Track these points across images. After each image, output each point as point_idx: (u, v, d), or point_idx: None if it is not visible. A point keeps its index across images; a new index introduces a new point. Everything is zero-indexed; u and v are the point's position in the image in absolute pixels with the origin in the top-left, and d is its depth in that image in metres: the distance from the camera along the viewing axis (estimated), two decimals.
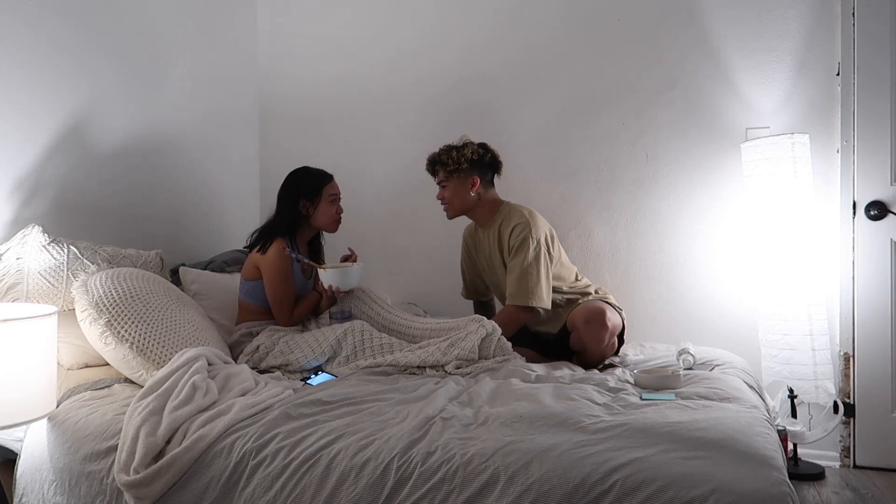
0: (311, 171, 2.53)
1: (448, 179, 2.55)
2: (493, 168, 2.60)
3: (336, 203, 2.50)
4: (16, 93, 2.21)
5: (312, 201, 2.46)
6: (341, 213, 2.53)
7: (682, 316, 2.89)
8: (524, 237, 2.43)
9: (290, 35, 3.46)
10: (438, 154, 2.57)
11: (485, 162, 2.56)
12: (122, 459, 1.55)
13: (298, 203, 2.46)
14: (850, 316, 2.68)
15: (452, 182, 2.54)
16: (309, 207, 2.46)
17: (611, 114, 2.99)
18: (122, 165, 2.64)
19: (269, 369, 2.16)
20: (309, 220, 2.48)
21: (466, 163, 2.51)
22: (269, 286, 2.37)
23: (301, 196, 2.46)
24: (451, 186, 2.55)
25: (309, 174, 2.52)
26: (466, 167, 2.52)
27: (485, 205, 2.57)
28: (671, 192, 2.92)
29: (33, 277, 2.05)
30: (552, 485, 1.30)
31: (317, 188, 2.47)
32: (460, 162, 2.51)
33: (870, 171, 2.66)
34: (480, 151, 2.55)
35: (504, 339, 2.22)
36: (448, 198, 2.56)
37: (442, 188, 2.57)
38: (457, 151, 2.53)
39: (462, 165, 2.51)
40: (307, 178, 2.50)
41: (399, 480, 1.38)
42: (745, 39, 2.80)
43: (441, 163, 2.54)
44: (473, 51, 3.17)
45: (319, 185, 2.47)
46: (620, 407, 1.70)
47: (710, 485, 1.24)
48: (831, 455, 2.70)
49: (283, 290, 2.36)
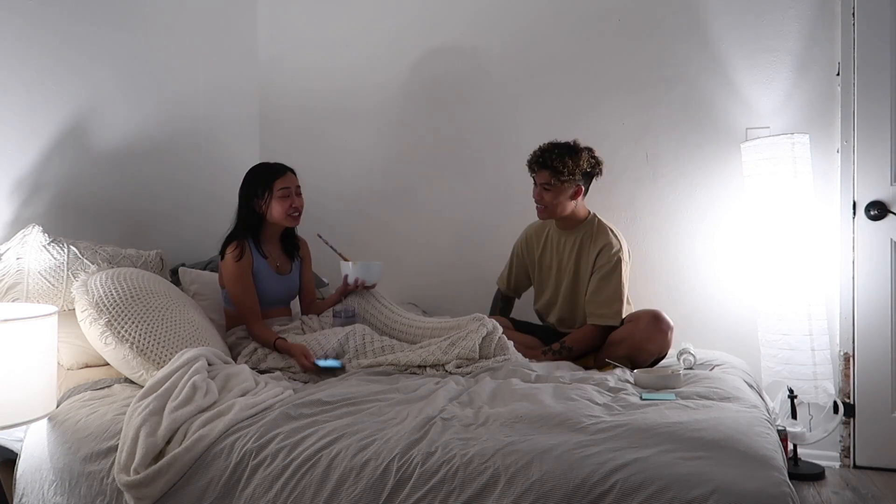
0: (262, 167, 2.44)
1: (554, 185, 2.45)
2: (597, 176, 2.55)
3: (289, 198, 2.38)
4: (16, 93, 2.21)
5: (263, 198, 2.37)
6: (298, 206, 2.41)
7: (681, 316, 2.88)
8: (618, 259, 2.44)
9: (290, 35, 3.45)
10: (551, 156, 2.44)
11: (593, 173, 2.51)
12: (122, 460, 1.55)
13: (252, 202, 2.38)
14: (850, 316, 2.68)
15: (558, 188, 2.45)
16: (261, 205, 2.37)
17: (611, 114, 2.99)
18: (122, 165, 2.64)
19: (270, 369, 2.16)
20: (264, 218, 2.39)
21: (580, 173, 2.44)
22: (230, 294, 2.33)
23: (253, 195, 2.38)
24: (554, 192, 2.46)
25: (260, 170, 2.43)
26: (578, 178, 2.45)
27: (577, 212, 2.54)
28: (671, 192, 2.92)
29: (33, 277, 2.06)
30: (552, 485, 1.30)
31: (266, 184, 2.37)
32: (574, 172, 2.42)
33: (870, 171, 2.66)
34: (593, 161, 2.49)
35: (504, 337, 2.22)
36: (548, 202, 2.48)
37: (544, 190, 2.47)
38: (572, 160, 2.42)
39: (576, 176, 2.43)
40: (258, 174, 2.41)
41: (399, 481, 1.38)
42: (745, 39, 2.80)
43: (552, 168, 2.43)
44: (473, 52, 3.17)
45: (269, 180, 2.37)
46: (620, 407, 1.70)
47: (711, 485, 1.24)
48: (831, 455, 2.70)
49: (239, 295, 2.29)
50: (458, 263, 3.17)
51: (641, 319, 2.37)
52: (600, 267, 2.46)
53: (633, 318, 2.41)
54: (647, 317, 2.37)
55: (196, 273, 2.59)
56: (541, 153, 2.49)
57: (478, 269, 3.03)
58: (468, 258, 3.17)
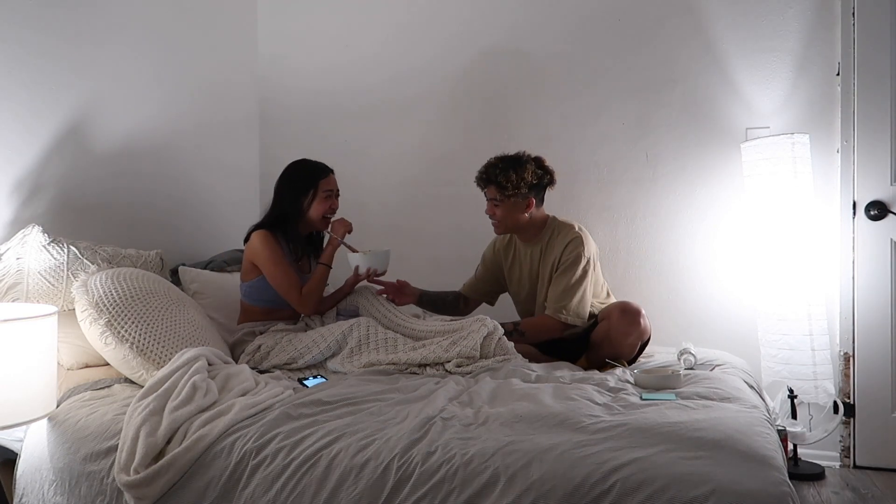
0: (308, 164, 2.44)
1: (502, 200, 2.43)
2: (547, 187, 2.51)
3: (331, 199, 2.41)
4: (16, 93, 2.21)
5: (307, 195, 2.37)
6: (335, 208, 2.44)
7: (681, 316, 2.89)
8: (577, 254, 2.40)
9: (290, 34, 3.45)
10: (495, 172, 2.42)
11: (542, 184, 2.47)
12: (122, 459, 1.55)
13: (292, 197, 2.38)
14: (850, 316, 2.68)
15: (507, 203, 2.43)
16: (303, 201, 2.37)
17: (611, 114, 2.99)
18: (122, 165, 2.64)
19: (270, 369, 2.16)
20: (303, 216, 2.39)
21: (525, 187, 2.40)
22: (268, 275, 2.30)
23: (299, 190, 2.38)
24: (504, 207, 2.44)
25: (306, 167, 2.42)
26: (525, 191, 2.41)
27: (534, 223, 2.50)
28: (671, 192, 2.92)
29: (33, 277, 2.05)
30: (552, 485, 1.30)
31: (314, 181, 2.38)
32: (519, 186, 2.39)
33: (870, 171, 2.66)
34: (539, 173, 2.43)
35: (505, 338, 2.22)
36: (500, 217, 2.46)
37: (493, 206, 2.46)
38: (516, 174, 2.38)
39: (521, 190, 2.40)
40: (303, 170, 2.41)
41: (399, 480, 1.38)
42: (745, 39, 2.80)
43: (497, 183, 2.41)
44: (472, 52, 3.17)
45: (316, 179, 2.38)
46: (620, 407, 1.70)
47: (711, 485, 1.24)
48: (831, 455, 2.70)
49: (281, 272, 2.28)
50: (461, 262, 3.16)
51: (611, 316, 2.34)
52: (564, 262, 2.42)
53: (605, 316, 2.38)
54: (615, 312, 2.34)
55: (196, 272, 2.59)
56: (485, 169, 2.47)
57: None
58: (470, 257, 3.17)
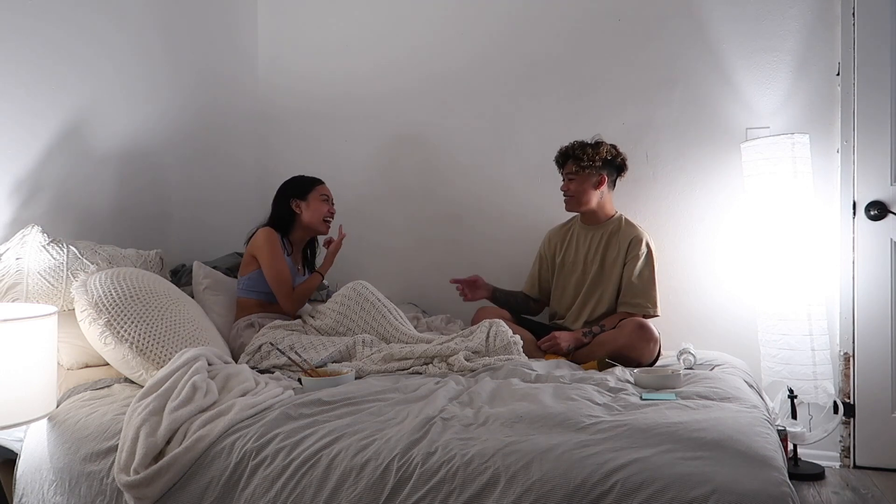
0: (303, 176, 2.68)
1: (578, 174, 2.60)
2: (620, 171, 2.67)
3: (328, 204, 2.63)
4: (16, 93, 2.21)
5: (304, 199, 2.59)
6: (333, 213, 2.65)
7: (681, 316, 2.89)
8: (649, 251, 2.58)
9: (290, 36, 3.46)
10: (572, 148, 2.62)
11: (615, 163, 2.64)
12: (122, 460, 1.55)
13: (290, 202, 2.59)
14: (850, 316, 2.68)
15: (582, 177, 2.60)
16: (300, 205, 2.59)
17: (611, 114, 2.99)
18: (122, 166, 2.64)
19: (270, 369, 2.16)
20: (300, 219, 2.59)
21: (600, 160, 2.58)
22: (265, 266, 2.47)
23: (292, 195, 2.60)
24: (578, 181, 2.61)
25: (301, 178, 2.67)
26: (599, 165, 2.58)
27: (602, 207, 2.66)
28: (671, 192, 2.92)
29: (33, 277, 2.05)
30: (553, 485, 1.30)
31: (309, 187, 2.62)
32: (594, 159, 2.57)
33: (870, 171, 2.66)
34: (613, 152, 2.62)
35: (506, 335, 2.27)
36: (574, 190, 2.62)
37: (569, 180, 2.63)
38: (592, 149, 2.59)
39: (596, 163, 2.57)
40: (299, 180, 2.65)
41: (399, 481, 1.38)
42: (745, 39, 2.80)
43: (575, 157, 2.60)
44: (473, 52, 3.17)
45: (311, 185, 2.63)
46: (620, 407, 1.70)
47: (711, 485, 1.24)
48: (831, 455, 2.70)
49: (277, 266, 2.45)
50: (458, 263, 3.17)
51: (626, 326, 2.40)
52: (633, 257, 2.56)
53: (620, 325, 2.44)
54: (632, 324, 2.39)
55: (209, 269, 2.61)
56: (566, 148, 2.67)
57: (477, 269, 3.03)
58: (467, 258, 3.17)
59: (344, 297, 2.43)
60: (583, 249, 2.67)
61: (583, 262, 2.66)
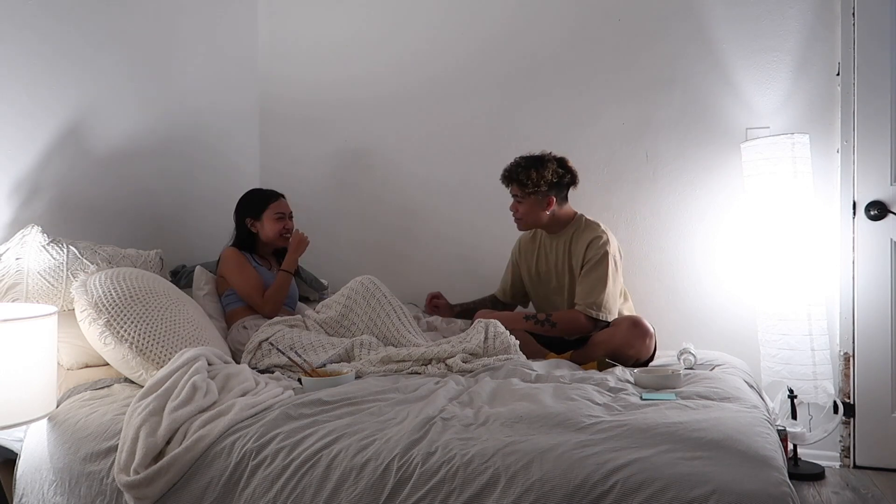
0: (257, 192, 2.70)
1: (524, 198, 2.53)
2: (570, 185, 2.60)
3: (283, 220, 2.64)
4: (16, 93, 2.21)
5: (258, 219, 2.62)
6: (290, 229, 2.66)
7: (681, 316, 2.89)
8: (604, 252, 2.47)
9: (290, 35, 3.45)
10: (517, 171, 2.52)
11: (563, 183, 2.55)
12: (122, 460, 1.55)
13: (245, 221, 2.63)
14: (850, 316, 2.68)
15: (528, 200, 2.53)
16: (255, 224, 2.62)
17: (611, 114, 2.99)
18: (121, 166, 2.64)
19: (270, 369, 2.16)
20: (260, 237, 2.64)
21: (545, 185, 2.49)
22: (234, 284, 2.52)
23: (247, 215, 2.64)
24: (526, 204, 2.54)
25: (255, 194, 2.68)
26: (545, 189, 2.50)
27: (556, 219, 2.59)
28: (671, 192, 2.92)
29: (33, 277, 2.05)
30: (553, 485, 1.30)
31: (261, 206, 2.63)
32: (539, 185, 2.48)
33: (870, 171, 2.66)
34: (560, 172, 2.52)
35: (505, 336, 2.25)
36: (522, 214, 2.56)
37: (516, 202, 2.56)
38: (536, 172, 2.48)
39: (541, 188, 2.49)
40: (253, 198, 2.67)
41: (399, 481, 1.38)
42: (745, 39, 2.80)
43: (520, 182, 2.51)
44: (473, 52, 3.17)
45: (264, 204, 2.64)
46: (620, 407, 1.70)
47: (711, 485, 1.23)
48: (831, 455, 2.70)
49: (243, 277, 2.50)
50: (459, 262, 3.17)
51: (621, 325, 2.39)
52: (589, 259, 2.49)
53: (615, 323, 2.43)
54: (626, 322, 2.38)
55: (210, 275, 2.63)
56: (509, 167, 2.56)
57: (479, 265, 3.03)
58: (469, 256, 3.17)
59: (351, 290, 2.43)
60: (552, 259, 2.63)
61: (554, 271, 2.63)
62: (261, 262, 2.63)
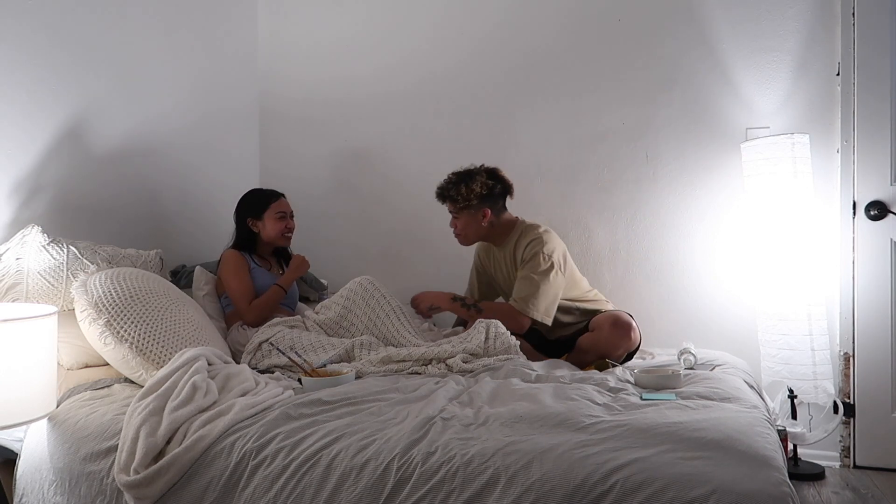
0: (258, 192, 2.69)
1: (458, 213, 2.55)
2: (504, 194, 2.58)
3: (285, 220, 2.64)
4: (16, 93, 2.21)
5: (259, 218, 2.62)
6: (292, 228, 2.68)
7: (681, 316, 2.89)
8: (536, 252, 2.45)
9: (289, 36, 3.45)
10: (447, 188, 2.54)
11: (494, 193, 2.54)
12: (122, 460, 1.55)
13: (247, 221, 2.63)
14: (850, 316, 2.68)
15: (463, 216, 2.54)
16: (257, 224, 2.62)
17: (611, 114, 2.99)
18: (121, 166, 2.64)
19: (270, 369, 2.16)
20: (261, 236, 2.63)
21: (476, 198, 2.50)
22: (226, 286, 2.52)
23: (248, 215, 2.63)
24: (462, 219, 2.55)
25: (256, 194, 2.68)
26: (475, 203, 2.51)
27: (499, 228, 2.58)
28: (671, 192, 2.92)
29: (33, 277, 2.05)
30: (553, 485, 1.30)
31: (263, 206, 2.63)
32: (470, 199, 2.49)
33: (870, 171, 2.66)
34: (490, 184, 2.52)
35: (506, 337, 2.25)
36: (460, 229, 2.58)
37: (454, 218, 2.58)
38: (465, 187, 2.49)
39: (472, 202, 2.50)
40: (254, 198, 2.66)
41: (399, 481, 1.38)
42: (745, 39, 2.80)
43: (450, 198, 2.53)
44: (473, 52, 3.17)
45: (265, 204, 2.63)
46: (621, 407, 1.70)
47: (711, 485, 1.23)
48: (831, 455, 2.70)
49: (235, 282, 2.49)
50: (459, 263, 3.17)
51: (602, 328, 2.37)
52: (524, 259, 2.49)
53: (596, 327, 2.41)
54: (606, 324, 2.37)
55: (210, 276, 2.63)
56: (440, 185, 2.58)
57: None
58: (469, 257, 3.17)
59: (350, 291, 2.43)
60: (503, 269, 2.63)
61: (505, 280, 2.62)
62: (260, 263, 2.63)
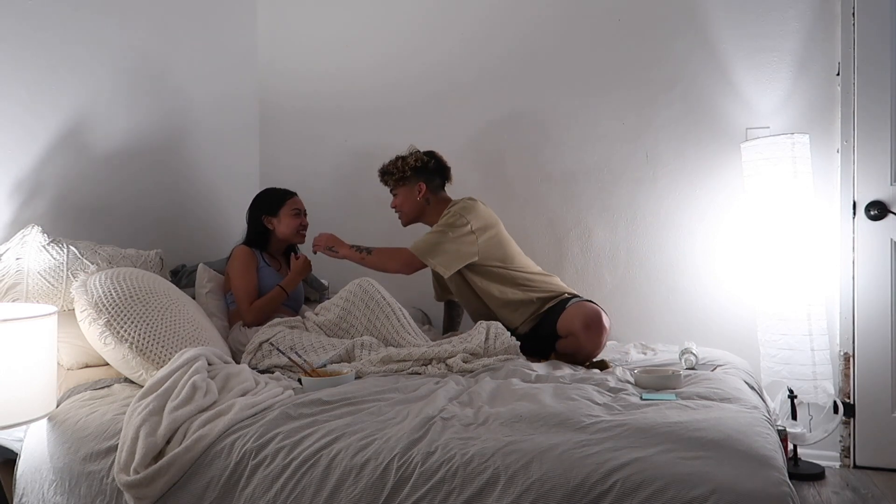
0: (273, 190, 2.72)
1: (397, 188, 2.66)
2: (440, 173, 2.69)
3: (300, 217, 2.68)
4: (16, 93, 2.21)
5: (275, 215, 2.65)
6: (306, 225, 2.71)
7: (681, 316, 2.89)
8: (450, 212, 2.54)
9: (289, 35, 3.46)
10: (385, 165, 2.68)
11: (429, 168, 2.65)
12: (122, 459, 1.55)
13: (262, 219, 2.65)
14: (850, 316, 2.68)
15: (401, 190, 2.66)
16: (272, 221, 2.65)
17: (611, 114, 2.99)
18: (121, 165, 2.64)
19: (270, 369, 2.16)
20: (275, 234, 2.66)
21: (410, 171, 2.62)
22: (231, 283, 2.53)
23: (264, 212, 2.66)
24: (400, 195, 2.67)
25: (271, 192, 2.71)
26: (411, 175, 2.62)
27: (435, 208, 2.66)
28: (671, 192, 2.92)
29: (33, 277, 2.05)
30: (552, 485, 1.30)
31: (279, 203, 2.66)
32: (404, 170, 2.62)
33: (870, 171, 2.66)
34: (424, 158, 2.65)
35: (506, 337, 2.25)
36: (398, 205, 2.68)
37: (393, 196, 2.69)
38: (401, 160, 2.64)
39: (406, 173, 2.62)
40: (270, 195, 2.69)
41: (399, 480, 1.38)
42: (745, 39, 2.80)
43: (388, 172, 2.66)
44: (473, 51, 3.17)
45: (282, 200, 2.67)
46: (620, 407, 1.70)
47: (711, 485, 1.24)
48: (831, 455, 2.70)
49: (241, 282, 2.50)
50: None
51: (577, 334, 2.32)
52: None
53: (568, 333, 2.36)
54: (579, 329, 2.32)
55: (213, 273, 2.61)
56: (381, 167, 2.70)
57: None
58: None
59: (350, 292, 2.42)
60: None
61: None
62: (270, 262, 2.63)
